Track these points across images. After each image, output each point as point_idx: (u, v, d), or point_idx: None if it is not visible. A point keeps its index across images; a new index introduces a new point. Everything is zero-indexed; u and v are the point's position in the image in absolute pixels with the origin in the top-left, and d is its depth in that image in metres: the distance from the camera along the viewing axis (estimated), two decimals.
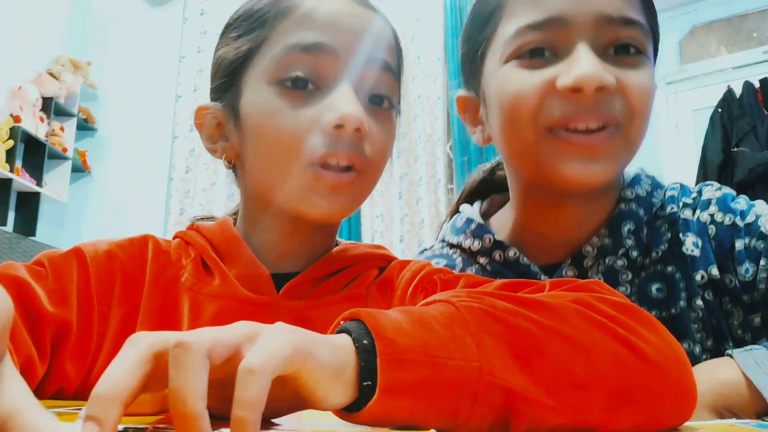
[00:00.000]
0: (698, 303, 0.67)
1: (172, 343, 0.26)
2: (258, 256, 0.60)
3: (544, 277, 0.70)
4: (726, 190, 0.72)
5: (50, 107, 3.54)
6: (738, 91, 3.26)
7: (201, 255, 0.61)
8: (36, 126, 3.41)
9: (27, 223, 3.43)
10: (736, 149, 3.13)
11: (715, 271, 0.67)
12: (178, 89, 3.83)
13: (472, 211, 0.79)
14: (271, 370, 0.27)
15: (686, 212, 0.71)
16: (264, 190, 0.61)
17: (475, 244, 0.75)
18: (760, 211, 0.67)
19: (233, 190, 0.70)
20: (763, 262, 0.64)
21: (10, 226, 3.34)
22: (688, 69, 3.67)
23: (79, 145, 3.87)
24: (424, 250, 0.84)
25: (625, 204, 0.70)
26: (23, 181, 3.30)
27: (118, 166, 3.87)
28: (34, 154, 3.46)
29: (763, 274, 0.64)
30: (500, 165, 0.84)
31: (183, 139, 3.76)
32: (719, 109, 3.27)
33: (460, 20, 3.56)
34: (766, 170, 3.00)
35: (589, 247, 0.69)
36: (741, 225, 0.67)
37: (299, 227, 0.61)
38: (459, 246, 0.78)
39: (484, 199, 0.84)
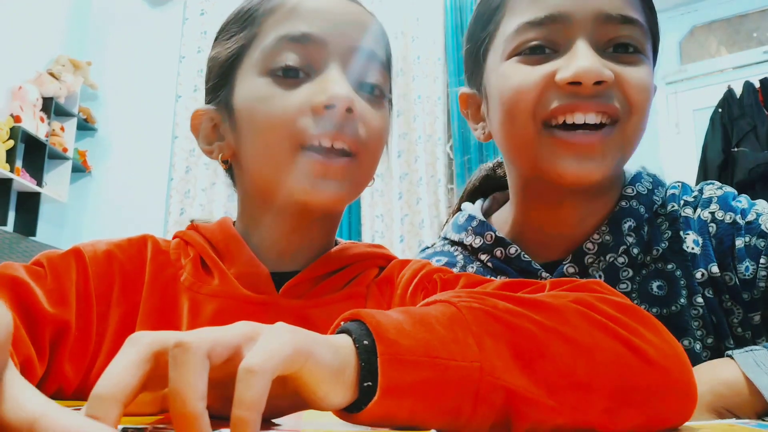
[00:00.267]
0: (699, 300, 0.67)
1: (172, 343, 0.26)
2: (257, 255, 0.60)
3: (545, 274, 0.71)
4: (727, 189, 0.72)
5: (50, 107, 3.54)
6: (738, 91, 3.26)
7: (200, 254, 0.61)
8: (36, 126, 3.41)
9: (27, 223, 3.43)
10: (736, 149, 3.12)
11: (715, 269, 0.67)
12: (178, 89, 3.83)
13: (473, 209, 0.80)
14: (271, 370, 0.27)
15: (687, 210, 0.71)
16: (260, 182, 0.60)
17: (477, 241, 0.76)
18: (761, 209, 0.68)
19: (234, 190, 0.71)
20: (763, 261, 0.65)
21: (10, 226, 3.33)
22: (688, 69, 3.66)
23: (79, 145, 3.87)
24: (426, 248, 0.85)
25: (626, 201, 0.71)
26: (23, 181, 3.30)
27: (118, 166, 3.87)
28: (35, 154, 3.46)
29: (763, 273, 0.65)
30: (502, 164, 0.85)
31: (183, 139, 3.76)
32: (719, 109, 3.27)
33: (460, 20, 3.56)
34: (767, 170, 3.00)
35: (590, 244, 0.70)
36: (742, 223, 0.67)
37: (299, 223, 0.61)
38: (460, 243, 0.78)
39: (486, 197, 0.84)
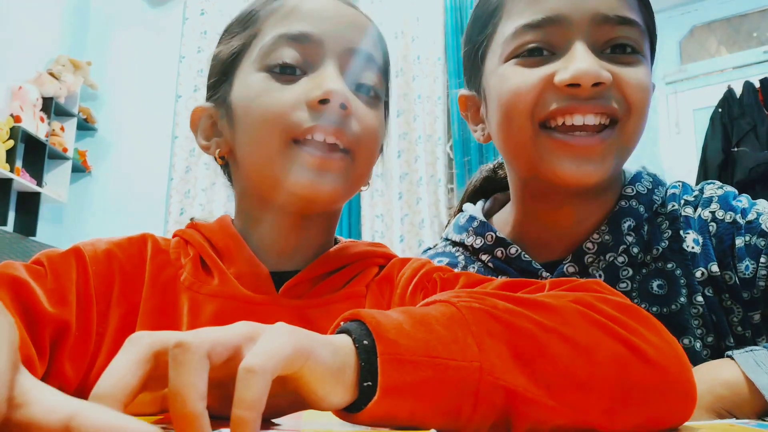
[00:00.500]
0: (699, 299, 0.67)
1: (172, 343, 0.26)
2: (257, 255, 0.60)
3: (545, 274, 0.71)
4: (728, 189, 0.72)
5: (50, 107, 3.54)
6: (738, 90, 3.26)
7: (200, 254, 0.61)
8: (36, 126, 3.41)
9: (27, 223, 3.43)
10: (736, 149, 3.13)
11: (715, 268, 0.67)
12: (178, 89, 3.83)
13: (474, 210, 0.80)
14: (271, 370, 0.27)
15: (687, 209, 0.71)
16: (256, 177, 0.61)
17: (477, 242, 0.76)
18: (762, 209, 0.68)
19: (232, 189, 0.71)
20: (763, 260, 0.65)
21: (10, 226, 3.33)
22: (688, 69, 3.66)
23: (79, 145, 3.87)
24: (428, 249, 0.85)
25: (626, 201, 0.71)
26: (23, 181, 3.30)
27: (118, 166, 3.87)
28: (35, 154, 3.45)
29: (763, 272, 0.65)
30: (502, 165, 0.86)
31: (183, 139, 3.76)
32: (719, 109, 3.27)
33: (460, 20, 3.56)
34: (767, 170, 3.00)
35: (589, 244, 0.70)
36: (742, 222, 0.67)
37: (296, 221, 0.61)
38: (461, 244, 0.78)
39: (487, 198, 0.85)
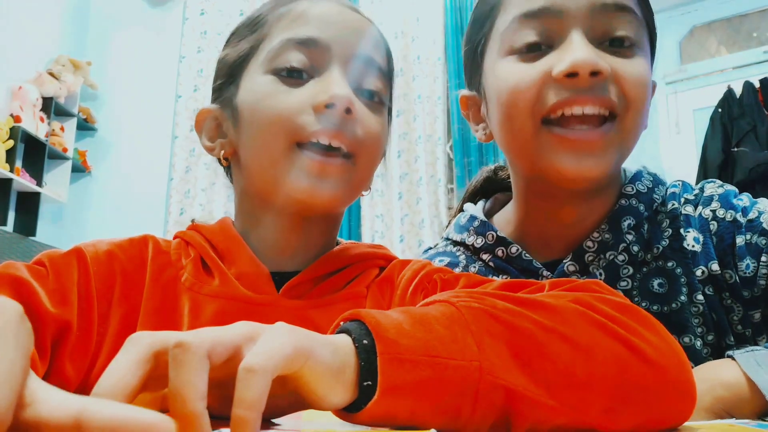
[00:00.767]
0: (699, 298, 0.67)
1: (172, 343, 0.26)
2: (258, 255, 0.60)
3: (546, 273, 0.71)
4: (728, 187, 0.72)
5: (50, 107, 3.53)
6: (738, 91, 3.26)
7: (201, 255, 0.61)
8: (36, 126, 3.40)
9: (27, 223, 3.43)
10: (736, 149, 3.13)
11: (715, 267, 0.67)
12: (178, 89, 3.82)
13: (475, 210, 0.80)
14: (271, 369, 0.27)
15: (687, 208, 0.71)
16: (258, 179, 0.61)
17: (478, 241, 0.76)
18: (763, 207, 0.68)
19: (233, 190, 0.72)
20: (764, 259, 0.65)
21: (10, 226, 3.33)
22: (688, 69, 3.66)
23: (79, 145, 3.87)
24: (429, 249, 0.85)
25: (626, 200, 0.71)
26: (23, 181, 3.30)
27: (118, 166, 3.87)
28: (34, 154, 3.45)
29: (764, 270, 0.65)
30: (502, 167, 0.87)
31: (183, 139, 3.75)
32: (719, 109, 3.27)
33: (460, 20, 3.56)
34: (767, 170, 3.00)
35: (590, 243, 0.70)
36: (743, 221, 0.67)
37: (296, 223, 0.61)
38: (462, 243, 0.79)
39: (488, 198, 0.85)
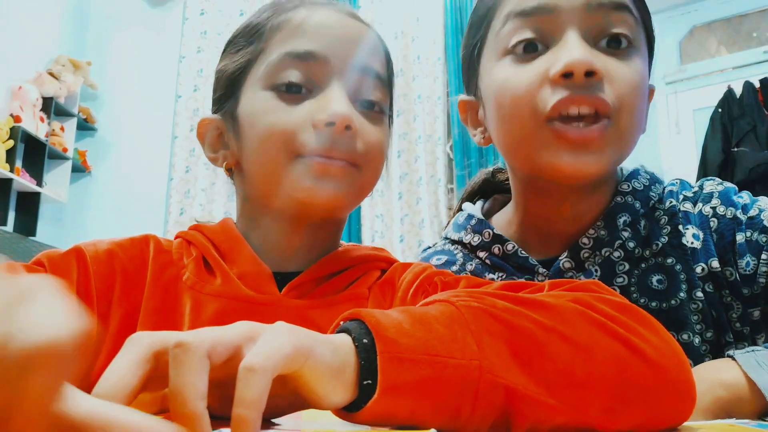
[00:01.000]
0: (698, 295, 0.67)
1: (172, 343, 0.27)
2: (260, 255, 0.61)
3: (542, 270, 0.71)
4: (728, 185, 0.72)
5: (50, 107, 3.53)
6: (738, 91, 3.26)
7: (203, 254, 0.61)
8: (36, 126, 3.41)
9: (27, 223, 3.43)
10: (736, 149, 3.13)
11: (715, 264, 0.67)
12: (178, 89, 3.82)
13: (473, 209, 0.81)
14: (271, 369, 0.27)
15: (686, 205, 0.71)
16: (261, 187, 0.61)
17: (475, 239, 0.76)
18: (763, 205, 0.68)
19: (233, 189, 0.72)
20: (764, 256, 0.65)
21: (10, 226, 3.33)
22: (688, 69, 3.66)
23: (79, 145, 3.87)
24: (428, 248, 0.85)
25: (621, 197, 0.71)
26: (23, 181, 3.30)
27: (118, 166, 3.87)
28: (34, 154, 3.45)
29: (764, 268, 0.65)
30: (500, 170, 0.87)
31: (183, 139, 3.75)
32: (719, 109, 3.28)
33: (460, 20, 3.56)
34: (767, 170, 3.00)
35: (585, 239, 0.70)
36: (743, 218, 0.67)
37: (298, 226, 0.61)
38: (460, 242, 0.79)
39: (487, 199, 0.85)
